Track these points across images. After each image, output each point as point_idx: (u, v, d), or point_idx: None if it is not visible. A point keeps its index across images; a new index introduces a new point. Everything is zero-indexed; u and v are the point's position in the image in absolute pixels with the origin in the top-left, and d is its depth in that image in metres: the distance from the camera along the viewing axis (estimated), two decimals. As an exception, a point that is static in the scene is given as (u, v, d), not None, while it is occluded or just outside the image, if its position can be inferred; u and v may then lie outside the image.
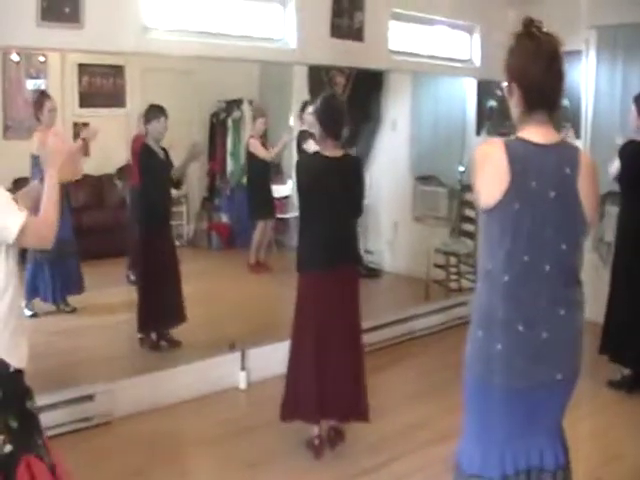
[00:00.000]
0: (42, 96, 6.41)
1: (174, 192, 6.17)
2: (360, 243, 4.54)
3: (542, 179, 2.31)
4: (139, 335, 5.78)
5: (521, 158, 2.30)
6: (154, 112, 5.67)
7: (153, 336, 5.77)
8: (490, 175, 2.31)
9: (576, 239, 2.41)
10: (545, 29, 2.37)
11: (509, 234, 2.31)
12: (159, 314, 5.69)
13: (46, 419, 4.23)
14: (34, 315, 6.31)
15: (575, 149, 2.44)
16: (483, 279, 2.43)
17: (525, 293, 2.35)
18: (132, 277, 7.26)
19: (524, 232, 2.31)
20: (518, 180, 2.28)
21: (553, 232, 2.34)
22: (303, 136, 7.06)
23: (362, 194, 4.32)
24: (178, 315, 5.74)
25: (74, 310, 6.47)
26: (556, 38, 2.38)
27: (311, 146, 6.83)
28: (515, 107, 2.42)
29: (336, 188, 4.09)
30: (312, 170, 4.16)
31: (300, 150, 7.03)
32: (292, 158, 7.38)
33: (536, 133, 2.36)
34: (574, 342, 2.49)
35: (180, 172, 5.82)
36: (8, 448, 2.58)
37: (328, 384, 4.15)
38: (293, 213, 7.73)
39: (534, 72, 2.33)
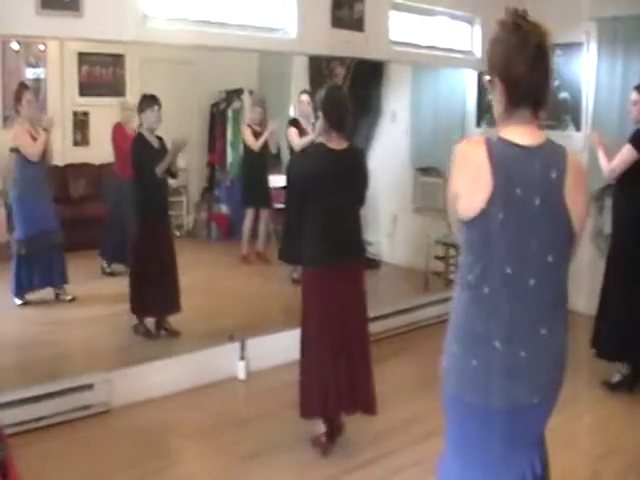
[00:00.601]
0: (20, 87, 6.37)
1: (173, 182, 6.14)
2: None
3: (527, 185, 2.13)
4: (133, 322, 5.79)
5: (505, 162, 2.13)
6: (147, 101, 5.62)
7: (150, 325, 5.77)
8: (471, 181, 2.15)
9: (563, 250, 2.22)
10: (531, 18, 2.18)
11: (491, 245, 2.15)
12: (151, 302, 5.67)
13: (44, 408, 4.32)
14: (25, 304, 6.34)
15: (562, 150, 2.23)
16: (462, 290, 2.26)
17: (505, 308, 2.17)
18: (107, 269, 7.31)
19: (507, 243, 2.14)
20: (502, 187, 2.11)
21: (538, 243, 2.16)
22: (289, 124, 7.11)
23: (366, 186, 4.28)
24: (173, 304, 5.73)
25: (73, 299, 6.49)
26: (543, 28, 2.18)
27: (293, 135, 6.88)
28: (498, 103, 2.23)
29: (340, 181, 4.06)
30: (316, 163, 4.11)
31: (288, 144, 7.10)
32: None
33: (519, 133, 2.19)
34: (554, 364, 2.29)
35: (167, 166, 5.62)
36: None
37: (334, 381, 4.11)
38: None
39: (518, 66, 2.14)
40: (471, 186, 2.14)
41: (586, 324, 5.28)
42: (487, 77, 2.28)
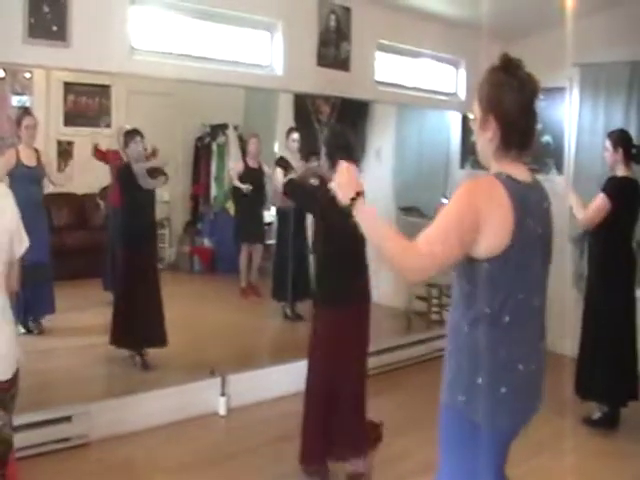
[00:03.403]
0: (22, 113, 6.42)
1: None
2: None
3: (534, 216, 2.28)
4: (129, 353, 5.81)
5: (518, 196, 2.23)
6: (130, 135, 5.81)
7: (130, 352, 5.79)
8: (497, 219, 2.21)
9: (548, 268, 2.43)
10: (526, 68, 2.32)
11: (512, 275, 2.25)
12: (134, 332, 5.68)
13: (21, 440, 4.23)
14: None
15: (542, 184, 2.44)
16: (478, 324, 2.29)
17: (522, 330, 2.31)
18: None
19: (523, 271, 2.27)
20: (520, 221, 2.21)
21: (539, 267, 2.35)
22: (276, 164, 7.14)
23: None
24: (157, 338, 5.73)
25: (41, 332, 6.37)
26: (536, 78, 2.33)
27: (279, 175, 6.91)
28: (489, 141, 2.33)
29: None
30: (335, 205, 4.08)
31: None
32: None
33: (517, 171, 2.30)
34: (544, 372, 2.46)
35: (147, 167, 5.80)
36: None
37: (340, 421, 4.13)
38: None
39: (514, 108, 2.27)
40: (497, 224, 2.21)
41: (570, 366, 5.35)
42: (473, 116, 2.39)
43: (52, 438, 4.44)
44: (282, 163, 7.14)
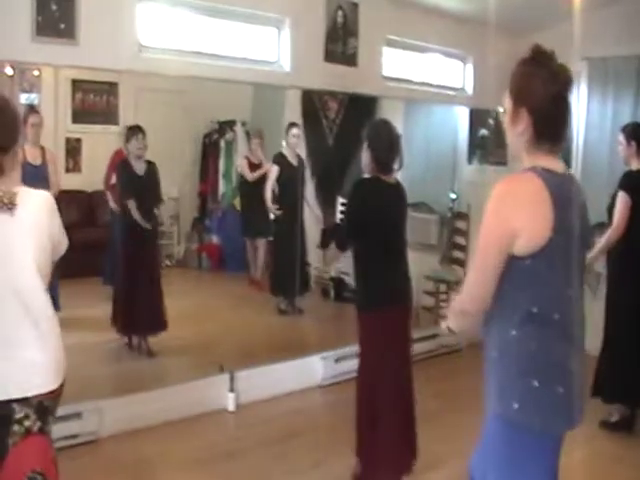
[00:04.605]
0: (27, 111, 6.41)
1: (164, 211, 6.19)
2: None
3: (572, 209, 2.21)
4: (125, 340, 5.92)
5: (557, 189, 2.18)
6: (132, 131, 5.88)
7: (134, 340, 5.88)
8: (535, 214, 2.16)
9: (585, 261, 2.39)
10: (558, 59, 2.26)
11: (556, 271, 2.20)
12: (134, 319, 5.81)
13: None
14: None
15: (574, 176, 2.39)
16: (527, 325, 2.20)
17: (572, 327, 2.25)
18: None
19: (565, 266, 2.22)
20: (560, 213, 2.16)
21: (577, 261, 2.27)
22: (274, 162, 7.16)
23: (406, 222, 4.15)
24: (157, 324, 5.82)
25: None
26: (569, 68, 2.27)
27: (273, 173, 6.93)
28: (520, 134, 2.27)
29: (398, 217, 4.00)
30: (378, 197, 3.92)
31: None
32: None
33: (551, 163, 2.25)
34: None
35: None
36: None
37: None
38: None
39: (548, 101, 2.21)
40: (536, 219, 2.16)
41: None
42: (503, 109, 2.32)
43: (62, 435, 4.42)
44: (279, 160, 7.18)
